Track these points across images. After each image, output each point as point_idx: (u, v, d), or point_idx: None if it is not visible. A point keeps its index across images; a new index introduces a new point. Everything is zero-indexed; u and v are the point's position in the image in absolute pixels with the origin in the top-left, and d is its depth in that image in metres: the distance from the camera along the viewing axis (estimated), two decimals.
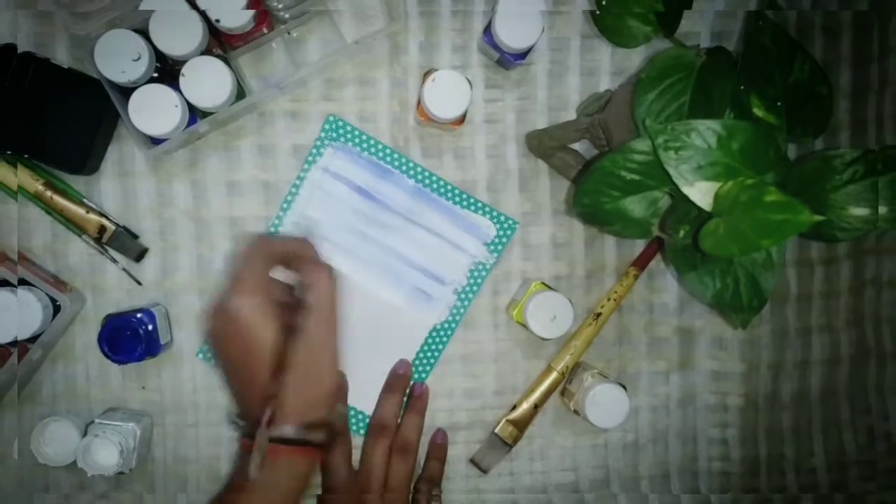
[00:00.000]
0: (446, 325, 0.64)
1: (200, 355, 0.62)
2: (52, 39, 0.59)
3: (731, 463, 0.67)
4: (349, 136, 0.62)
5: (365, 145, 0.62)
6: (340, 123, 0.62)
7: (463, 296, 0.64)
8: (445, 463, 0.64)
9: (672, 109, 0.49)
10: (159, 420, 0.62)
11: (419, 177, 0.62)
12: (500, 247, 0.63)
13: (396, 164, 0.62)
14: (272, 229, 0.62)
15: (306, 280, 0.46)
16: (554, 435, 0.65)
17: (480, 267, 0.63)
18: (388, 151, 0.62)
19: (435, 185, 0.63)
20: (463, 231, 0.63)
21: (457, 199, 0.63)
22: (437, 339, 0.64)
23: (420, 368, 0.64)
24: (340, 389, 0.62)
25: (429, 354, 0.64)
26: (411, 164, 0.62)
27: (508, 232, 0.63)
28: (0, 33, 0.58)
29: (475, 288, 0.64)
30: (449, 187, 0.63)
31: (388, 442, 0.60)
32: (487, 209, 0.63)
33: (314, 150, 0.62)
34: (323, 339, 0.45)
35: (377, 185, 0.62)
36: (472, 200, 0.63)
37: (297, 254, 0.48)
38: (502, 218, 0.63)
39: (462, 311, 0.64)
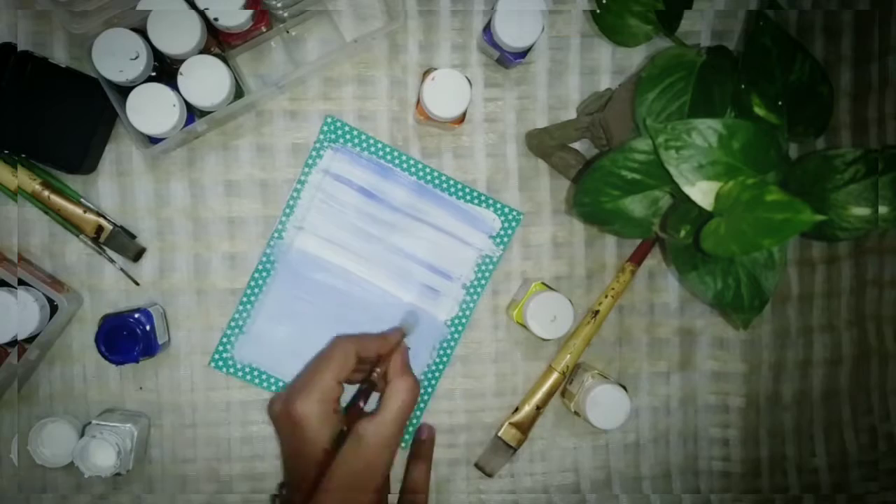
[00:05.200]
0: (456, 321, 0.63)
1: (212, 364, 0.62)
2: (49, 38, 0.59)
3: (732, 463, 0.67)
4: (348, 136, 0.61)
5: (364, 145, 0.62)
6: (339, 124, 0.61)
7: (472, 290, 0.63)
8: (432, 464, 0.60)
9: (673, 108, 0.49)
10: (157, 421, 0.62)
11: (420, 173, 0.62)
12: (505, 239, 0.63)
13: (397, 161, 0.62)
14: (275, 234, 0.61)
15: (389, 389, 0.49)
16: (555, 436, 0.65)
17: (487, 260, 0.63)
18: (387, 150, 0.62)
19: (437, 181, 0.62)
20: (468, 225, 0.63)
21: (459, 193, 0.62)
22: (449, 336, 0.63)
23: (433, 366, 0.63)
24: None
25: (441, 352, 0.63)
26: (412, 161, 0.62)
27: (514, 224, 0.63)
28: None
29: (483, 282, 0.63)
30: (451, 182, 0.62)
31: None
32: (491, 202, 0.63)
33: (313, 153, 0.61)
34: (376, 456, 0.48)
35: (379, 184, 0.62)
36: (475, 194, 0.63)
37: (385, 357, 0.52)
38: (506, 210, 0.63)
39: (472, 305, 0.63)
